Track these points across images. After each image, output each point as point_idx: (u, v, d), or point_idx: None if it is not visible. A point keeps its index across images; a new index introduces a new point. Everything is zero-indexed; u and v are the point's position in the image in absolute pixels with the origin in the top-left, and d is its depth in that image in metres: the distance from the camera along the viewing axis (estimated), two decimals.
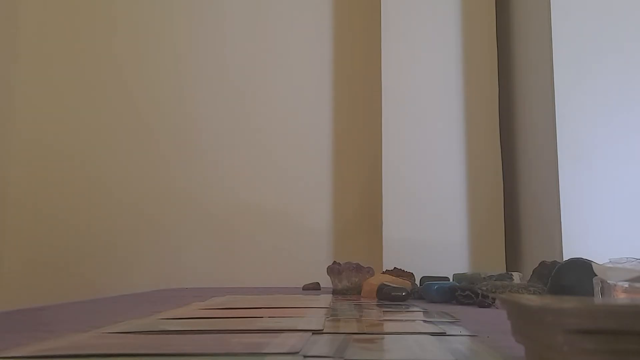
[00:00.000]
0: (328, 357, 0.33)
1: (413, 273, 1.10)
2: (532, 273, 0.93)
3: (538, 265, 0.92)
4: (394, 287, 0.86)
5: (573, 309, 0.24)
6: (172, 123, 1.66)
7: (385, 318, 0.60)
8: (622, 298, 0.58)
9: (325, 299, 0.84)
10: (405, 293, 0.84)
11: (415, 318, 0.58)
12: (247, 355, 0.34)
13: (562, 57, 1.19)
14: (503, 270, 1.28)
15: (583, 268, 0.73)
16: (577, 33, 1.19)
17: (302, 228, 1.59)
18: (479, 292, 0.80)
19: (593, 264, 0.66)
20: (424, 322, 0.53)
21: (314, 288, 1.24)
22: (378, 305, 0.76)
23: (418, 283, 1.07)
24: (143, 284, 1.40)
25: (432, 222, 1.39)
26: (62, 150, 1.65)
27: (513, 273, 1.00)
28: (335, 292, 1.04)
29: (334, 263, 1.07)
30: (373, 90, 1.52)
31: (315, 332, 0.44)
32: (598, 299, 0.60)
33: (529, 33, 1.37)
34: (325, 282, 1.12)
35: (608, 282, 0.60)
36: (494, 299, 0.78)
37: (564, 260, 0.84)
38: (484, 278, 0.97)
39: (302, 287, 1.26)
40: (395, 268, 1.12)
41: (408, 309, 0.70)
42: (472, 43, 1.46)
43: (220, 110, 1.65)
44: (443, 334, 0.44)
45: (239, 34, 1.68)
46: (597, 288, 0.62)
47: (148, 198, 1.63)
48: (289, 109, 1.65)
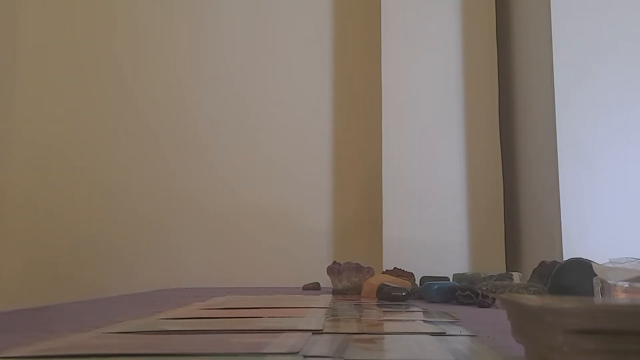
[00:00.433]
0: (328, 357, 0.33)
1: (413, 273, 1.10)
2: (532, 273, 0.93)
3: (538, 265, 0.92)
4: (394, 287, 0.86)
5: (573, 309, 0.24)
6: (171, 123, 1.66)
7: (385, 318, 0.60)
8: (622, 298, 0.58)
9: (325, 299, 0.84)
10: (405, 293, 0.84)
11: (415, 318, 0.58)
12: (247, 355, 0.34)
13: (562, 57, 1.19)
14: (503, 270, 1.28)
15: (583, 268, 0.73)
16: (577, 33, 1.19)
17: (302, 228, 1.59)
18: (479, 292, 0.80)
19: (593, 264, 0.66)
20: (424, 322, 0.53)
21: (314, 288, 1.24)
22: (378, 305, 0.76)
23: (418, 283, 1.07)
24: (143, 284, 1.40)
25: (432, 222, 1.39)
26: (62, 150, 1.66)
27: (513, 273, 1.00)
28: (335, 292, 1.03)
29: (334, 263, 1.07)
30: (373, 90, 1.52)
31: (315, 332, 0.44)
32: (598, 299, 0.60)
33: (529, 33, 1.37)
34: (325, 282, 1.12)
35: (608, 282, 0.60)
36: (494, 299, 0.78)
37: (564, 260, 0.84)
38: (484, 278, 0.97)
39: (302, 287, 1.26)
40: (395, 268, 1.12)
41: (408, 309, 0.70)
42: (472, 43, 1.46)
43: (220, 110, 1.65)
44: (443, 334, 0.44)
45: (239, 34, 1.68)
46: (597, 288, 0.62)
47: (148, 198, 1.63)
48: (289, 109, 1.65)
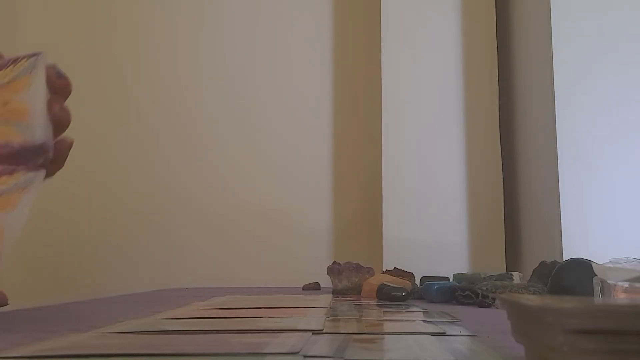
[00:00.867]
0: (328, 357, 0.33)
1: (413, 273, 1.10)
2: (532, 273, 0.93)
3: (538, 265, 0.92)
4: (394, 287, 0.86)
5: (573, 309, 0.24)
6: (171, 123, 1.66)
7: (385, 318, 0.60)
8: (622, 298, 0.58)
9: (325, 299, 0.84)
10: (405, 293, 0.84)
11: (415, 318, 0.58)
12: (247, 355, 0.34)
13: (562, 57, 1.19)
14: (503, 270, 1.28)
15: (583, 268, 0.73)
16: (577, 33, 1.19)
17: (302, 228, 1.59)
18: (479, 292, 0.80)
19: (593, 264, 0.66)
20: (424, 322, 0.53)
21: (314, 288, 1.24)
22: (378, 305, 0.76)
23: (418, 283, 1.07)
24: (143, 284, 1.40)
25: (432, 222, 1.39)
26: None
27: (513, 273, 1.00)
28: (335, 292, 1.03)
29: (334, 263, 1.07)
30: (373, 90, 1.52)
31: (315, 332, 0.43)
32: (598, 299, 0.60)
33: (529, 33, 1.37)
34: (325, 282, 1.12)
35: (608, 282, 0.60)
36: (494, 299, 0.78)
37: (564, 260, 0.84)
38: (484, 278, 0.97)
39: (302, 287, 1.26)
40: (395, 268, 1.12)
41: (408, 309, 0.70)
42: (472, 43, 1.46)
43: (220, 110, 1.65)
44: (443, 334, 0.44)
45: (239, 34, 1.68)
46: (597, 288, 0.62)
47: (147, 198, 1.63)
48: (289, 109, 1.65)
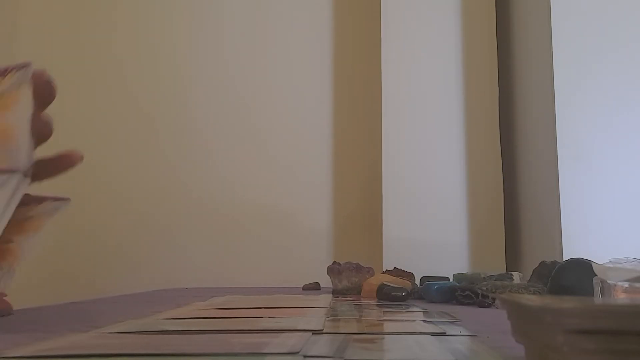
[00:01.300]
0: (328, 357, 0.33)
1: (413, 273, 1.10)
2: (532, 273, 0.93)
3: (538, 265, 0.92)
4: (394, 287, 0.86)
5: (573, 309, 0.24)
6: (171, 122, 1.66)
7: (385, 318, 0.60)
8: (622, 298, 0.58)
9: (325, 299, 0.84)
10: (405, 293, 0.84)
11: (415, 318, 0.58)
12: (247, 355, 0.34)
13: (562, 57, 1.19)
14: (503, 270, 1.28)
15: (583, 268, 0.73)
16: (577, 33, 1.19)
17: (302, 228, 1.59)
18: (479, 292, 0.80)
19: (593, 264, 0.66)
20: (424, 322, 0.53)
21: (314, 288, 1.24)
22: (378, 305, 0.76)
23: (418, 283, 1.07)
24: (143, 284, 1.40)
25: (432, 222, 1.39)
26: (61, 150, 1.65)
27: (513, 273, 1.00)
28: (335, 292, 1.03)
29: (334, 263, 1.07)
30: (373, 91, 1.52)
31: (315, 332, 0.43)
32: (598, 299, 0.60)
33: (529, 33, 1.37)
34: (325, 282, 1.12)
35: (608, 282, 0.60)
36: (494, 299, 0.78)
37: (564, 260, 0.84)
38: (484, 278, 0.97)
39: (302, 287, 1.26)
40: (395, 268, 1.12)
41: (408, 309, 0.70)
42: (472, 43, 1.46)
43: (220, 110, 1.65)
44: (443, 334, 0.44)
45: (239, 34, 1.68)
46: (597, 288, 0.62)
47: (148, 198, 1.63)
48: (289, 109, 1.66)
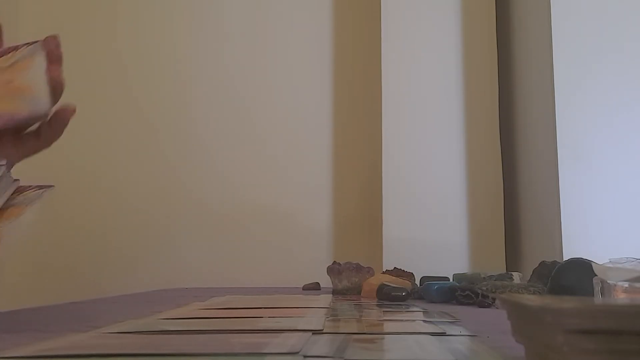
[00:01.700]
0: (328, 357, 0.33)
1: (413, 273, 1.10)
2: (532, 273, 0.93)
3: (538, 265, 0.92)
4: (394, 287, 0.86)
5: (573, 309, 0.24)
6: (171, 122, 1.66)
7: (385, 318, 0.60)
8: (622, 298, 0.58)
9: (325, 299, 0.84)
10: (405, 293, 0.84)
11: (415, 318, 0.58)
12: (247, 355, 0.34)
13: (562, 57, 1.19)
14: (503, 270, 1.28)
15: (583, 268, 0.73)
16: (577, 33, 1.19)
17: (302, 228, 1.59)
18: (479, 292, 0.80)
19: (593, 264, 0.66)
20: (424, 322, 0.53)
21: (314, 288, 1.24)
22: (378, 305, 0.76)
23: (418, 283, 1.07)
24: (143, 284, 1.40)
25: (432, 222, 1.39)
26: (62, 150, 1.65)
27: (513, 273, 1.00)
28: (335, 292, 1.03)
29: (334, 263, 1.07)
30: (373, 91, 1.52)
31: (315, 332, 0.43)
32: (598, 299, 0.60)
33: (529, 33, 1.37)
34: (325, 282, 1.12)
35: (608, 282, 0.60)
36: (494, 299, 0.78)
37: (564, 260, 0.84)
38: (484, 278, 0.97)
39: (302, 287, 1.26)
40: (395, 268, 1.12)
41: (408, 309, 0.70)
42: (472, 43, 1.46)
43: (220, 110, 1.65)
44: (443, 334, 0.44)
45: (239, 35, 1.68)
46: (597, 288, 0.62)
47: (147, 198, 1.63)
48: (289, 109, 1.66)
